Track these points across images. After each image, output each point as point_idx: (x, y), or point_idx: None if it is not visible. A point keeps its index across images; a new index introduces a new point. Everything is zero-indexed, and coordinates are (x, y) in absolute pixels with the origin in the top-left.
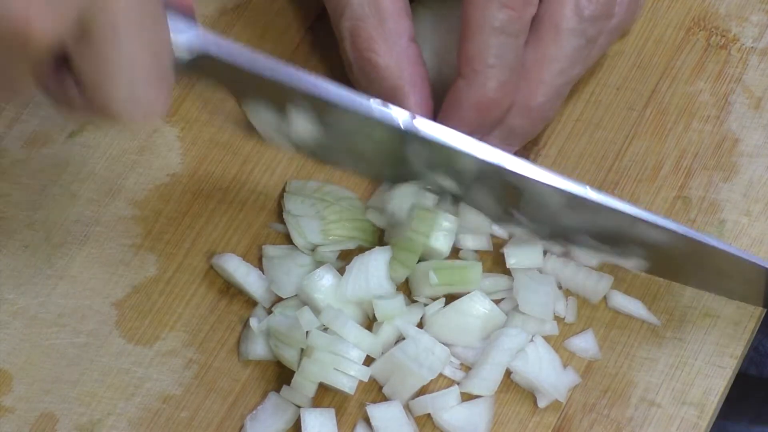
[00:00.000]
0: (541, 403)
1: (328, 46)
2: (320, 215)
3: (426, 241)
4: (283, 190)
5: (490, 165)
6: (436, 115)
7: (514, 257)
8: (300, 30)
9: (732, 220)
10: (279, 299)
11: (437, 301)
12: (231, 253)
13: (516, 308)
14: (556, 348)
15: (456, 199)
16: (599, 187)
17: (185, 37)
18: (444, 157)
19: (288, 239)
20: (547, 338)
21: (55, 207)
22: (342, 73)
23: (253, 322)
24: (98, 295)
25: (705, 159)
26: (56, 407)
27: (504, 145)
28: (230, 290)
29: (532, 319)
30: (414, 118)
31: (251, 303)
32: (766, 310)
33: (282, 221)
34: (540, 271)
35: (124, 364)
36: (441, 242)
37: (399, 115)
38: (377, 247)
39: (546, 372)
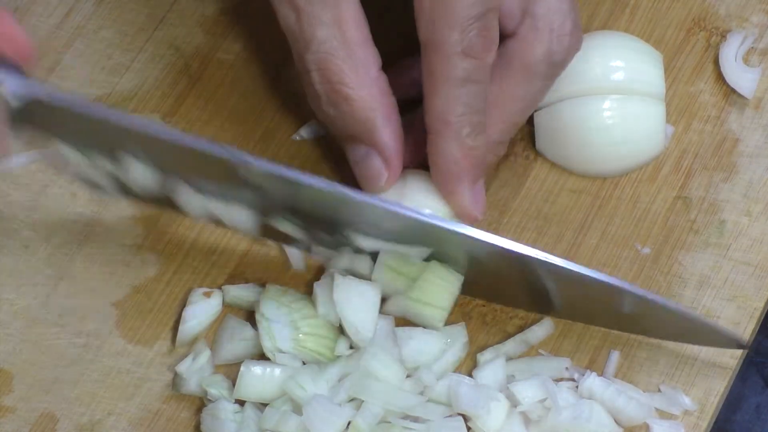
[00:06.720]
0: None
1: None
2: (295, 324)
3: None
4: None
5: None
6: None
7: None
8: None
9: (732, 221)
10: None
11: None
12: (204, 289)
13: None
14: None
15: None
16: (599, 186)
17: (12, 85)
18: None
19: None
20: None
21: (55, 207)
22: None
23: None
24: (98, 295)
25: (705, 159)
26: (56, 407)
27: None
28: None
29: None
30: None
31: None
32: (766, 310)
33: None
34: (582, 395)
35: (124, 364)
36: None
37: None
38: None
39: None
